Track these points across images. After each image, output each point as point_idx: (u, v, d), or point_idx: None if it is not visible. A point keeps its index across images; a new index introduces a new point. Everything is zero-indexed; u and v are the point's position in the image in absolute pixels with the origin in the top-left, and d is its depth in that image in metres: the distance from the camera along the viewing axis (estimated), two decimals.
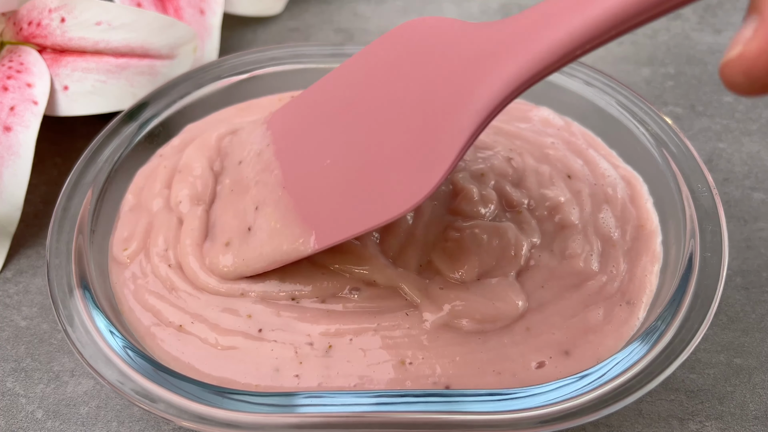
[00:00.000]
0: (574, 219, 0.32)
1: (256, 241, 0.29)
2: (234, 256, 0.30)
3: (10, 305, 0.35)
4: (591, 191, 0.33)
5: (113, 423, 0.31)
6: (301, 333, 0.29)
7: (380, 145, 0.26)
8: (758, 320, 0.33)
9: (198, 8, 0.43)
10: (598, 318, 0.29)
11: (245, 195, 0.31)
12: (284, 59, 0.38)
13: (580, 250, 0.31)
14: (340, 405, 0.25)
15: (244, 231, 0.30)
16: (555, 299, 0.30)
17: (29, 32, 0.37)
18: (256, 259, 0.29)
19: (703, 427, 0.30)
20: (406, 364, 0.28)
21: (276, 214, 0.29)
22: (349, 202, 0.26)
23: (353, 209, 0.26)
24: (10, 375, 0.32)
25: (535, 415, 0.25)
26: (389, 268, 0.30)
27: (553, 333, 0.29)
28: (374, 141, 0.26)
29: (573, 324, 0.29)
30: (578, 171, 0.34)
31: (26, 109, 0.35)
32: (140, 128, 0.35)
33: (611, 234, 0.32)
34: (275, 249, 0.28)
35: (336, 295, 0.30)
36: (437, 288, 0.29)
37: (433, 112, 0.25)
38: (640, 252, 0.31)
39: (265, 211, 0.29)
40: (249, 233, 0.30)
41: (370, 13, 0.50)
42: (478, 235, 0.31)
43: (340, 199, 0.27)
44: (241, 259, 0.30)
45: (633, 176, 0.34)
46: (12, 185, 0.35)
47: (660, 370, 0.26)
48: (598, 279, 0.30)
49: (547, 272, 0.30)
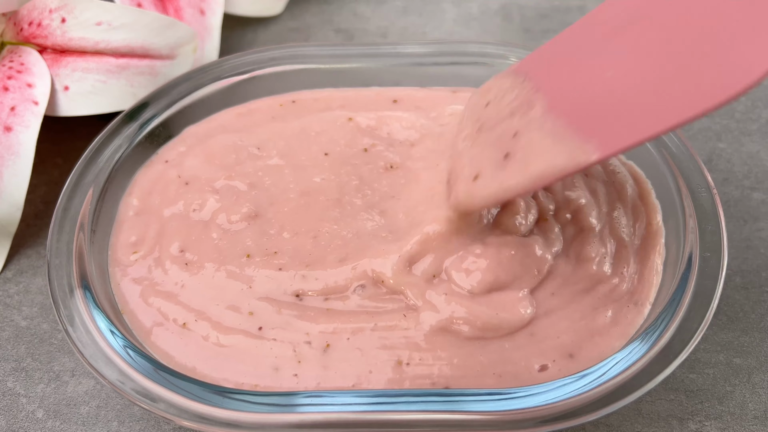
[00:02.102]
0: (593, 221, 0.32)
1: (517, 164, 0.28)
2: (486, 184, 0.29)
3: (11, 305, 0.35)
4: (606, 189, 0.33)
5: (113, 423, 0.31)
6: (300, 331, 0.29)
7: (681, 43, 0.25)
8: (758, 320, 0.33)
9: (198, 8, 0.43)
10: (606, 320, 0.29)
11: (496, 129, 0.30)
12: (284, 59, 0.38)
13: (594, 254, 0.31)
14: (340, 404, 0.25)
15: (498, 159, 0.28)
16: (564, 305, 0.29)
17: (30, 32, 0.37)
18: (519, 179, 0.27)
19: (702, 426, 0.30)
20: (403, 364, 0.28)
21: (543, 133, 0.27)
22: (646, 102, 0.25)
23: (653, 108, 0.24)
24: (11, 375, 0.32)
25: (535, 414, 0.25)
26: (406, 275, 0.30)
27: (558, 337, 0.28)
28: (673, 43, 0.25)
29: (580, 327, 0.29)
30: (592, 168, 0.34)
31: (27, 109, 0.35)
32: (140, 128, 0.35)
33: (623, 234, 0.32)
34: (547, 164, 0.27)
35: (342, 293, 0.30)
36: (441, 294, 0.29)
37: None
38: (648, 250, 0.31)
39: (529, 135, 0.28)
40: (506, 159, 0.28)
41: (370, 13, 0.50)
42: (504, 251, 0.30)
43: (633, 102, 0.25)
44: (497, 183, 0.28)
45: (637, 172, 0.34)
46: (12, 185, 0.35)
47: (659, 370, 0.26)
48: (610, 282, 0.30)
49: (561, 280, 0.30)
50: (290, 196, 0.33)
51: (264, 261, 0.31)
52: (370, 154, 0.35)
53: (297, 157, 0.35)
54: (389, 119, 0.36)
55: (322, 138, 0.36)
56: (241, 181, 0.34)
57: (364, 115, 0.37)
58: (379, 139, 0.36)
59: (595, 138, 0.26)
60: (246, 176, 0.34)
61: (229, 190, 0.33)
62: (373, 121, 0.36)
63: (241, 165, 0.34)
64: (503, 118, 0.30)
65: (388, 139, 0.36)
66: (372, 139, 0.35)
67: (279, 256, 0.31)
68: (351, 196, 0.33)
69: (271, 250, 0.31)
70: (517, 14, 0.49)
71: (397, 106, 0.37)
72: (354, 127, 0.36)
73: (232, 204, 0.33)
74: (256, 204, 0.33)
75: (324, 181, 0.33)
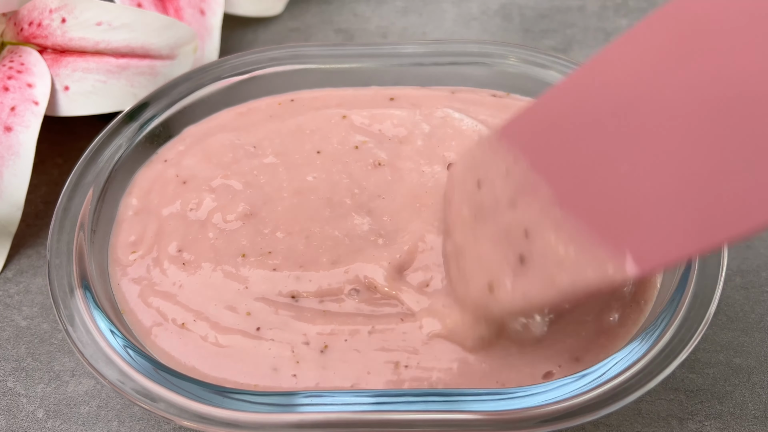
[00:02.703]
0: None
1: (539, 273, 0.25)
2: (507, 297, 0.26)
3: (11, 305, 0.35)
4: None
5: (114, 422, 0.31)
6: (298, 332, 0.29)
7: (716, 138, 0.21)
8: (757, 320, 0.33)
9: (198, 8, 0.43)
10: (612, 321, 0.29)
11: (498, 221, 0.27)
12: (284, 59, 0.38)
13: None
14: (340, 404, 0.25)
15: (514, 264, 0.26)
16: (572, 307, 0.29)
17: (30, 32, 0.37)
18: (545, 293, 0.25)
19: (702, 426, 0.30)
20: (401, 367, 0.28)
21: (562, 237, 0.24)
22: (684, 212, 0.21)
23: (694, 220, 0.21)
24: (11, 375, 0.32)
25: (535, 414, 0.25)
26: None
27: (564, 341, 0.28)
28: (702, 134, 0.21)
29: (586, 329, 0.29)
30: None
31: (27, 109, 0.35)
32: (141, 128, 0.35)
33: None
34: (575, 278, 0.24)
35: (336, 296, 0.30)
36: (440, 305, 0.29)
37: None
38: None
39: (544, 237, 0.25)
40: (523, 265, 0.25)
41: (370, 13, 0.50)
42: None
43: (664, 209, 0.21)
44: (520, 294, 0.25)
45: None
46: (13, 185, 0.35)
47: (659, 370, 0.26)
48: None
49: None
50: (283, 195, 0.33)
51: (259, 261, 0.31)
52: (360, 151, 0.35)
53: (291, 156, 0.35)
54: (382, 116, 0.36)
55: (316, 136, 0.36)
56: (237, 180, 0.34)
57: (359, 112, 0.36)
58: (371, 135, 0.35)
59: (629, 251, 0.22)
60: (242, 175, 0.34)
61: (225, 189, 0.33)
62: (367, 119, 0.36)
63: (237, 164, 0.34)
64: (503, 207, 0.27)
65: (379, 136, 0.35)
66: (364, 136, 0.35)
67: (273, 256, 0.31)
68: (341, 196, 0.33)
69: (266, 250, 0.31)
70: (517, 14, 0.49)
71: (393, 103, 0.37)
72: (348, 124, 0.36)
73: (228, 203, 0.33)
74: (250, 203, 0.33)
75: (316, 179, 0.33)
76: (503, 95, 0.37)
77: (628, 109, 0.23)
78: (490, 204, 0.27)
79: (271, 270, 0.30)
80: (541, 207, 0.25)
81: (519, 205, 0.26)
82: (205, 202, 0.33)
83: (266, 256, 0.31)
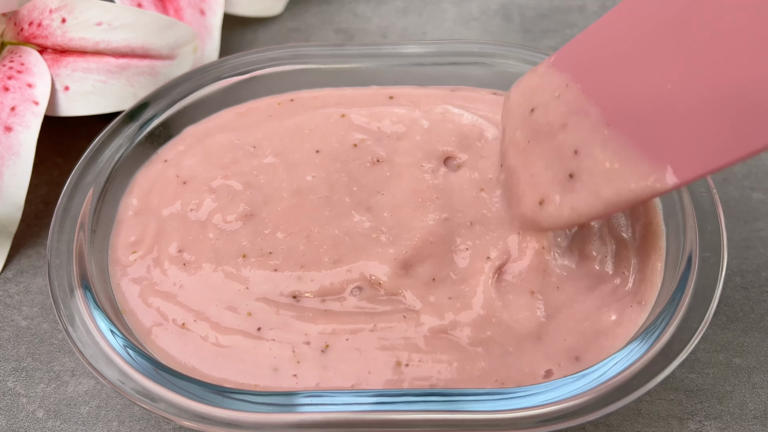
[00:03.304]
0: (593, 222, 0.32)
1: (585, 187, 0.27)
2: (557, 211, 0.28)
3: (11, 305, 0.35)
4: None
5: (114, 422, 0.31)
6: (299, 332, 0.29)
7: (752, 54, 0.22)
8: (757, 320, 0.33)
9: (198, 9, 0.43)
10: (611, 321, 0.29)
11: (550, 142, 0.29)
12: (284, 59, 0.38)
13: (596, 252, 0.31)
14: (340, 404, 0.25)
15: (563, 181, 0.28)
16: (570, 303, 0.29)
17: (30, 32, 0.37)
18: (590, 205, 0.27)
19: (702, 426, 0.30)
20: (402, 365, 0.28)
21: (608, 153, 0.26)
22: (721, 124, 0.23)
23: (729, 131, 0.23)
24: (11, 375, 0.32)
25: (535, 414, 0.25)
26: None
27: (564, 339, 0.28)
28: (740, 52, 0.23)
29: (585, 328, 0.29)
30: None
31: (27, 109, 0.35)
32: (141, 128, 0.35)
33: (623, 234, 0.32)
34: (618, 190, 0.26)
35: (338, 294, 0.30)
36: (445, 298, 0.29)
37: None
38: (648, 250, 0.31)
39: (592, 154, 0.27)
40: (572, 180, 0.27)
41: (370, 13, 0.50)
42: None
43: (703, 123, 0.23)
44: (568, 208, 0.28)
45: None
46: (13, 185, 0.35)
47: (659, 370, 0.26)
48: (612, 282, 0.30)
49: (566, 274, 0.30)
50: (283, 195, 0.33)
51: (259, 261, 0.31)
52: (358, 149, 0.35)
53: (290, 155, 0.35)
54: (381, 114, 0.36)
55: (315, 135, 0.35)
56: (237, 180, 0.34)
57: (357, 111, 0.36)
58: (369, 133, 0.35)
59: (670, 162, 0.24)
60: (242, 175, 0.34)
61: (225, 189, 0.33)
62: (366, 117, 0.36)
63: (237, 164, 0.34)
64: (556, 129, 0.29)
65: (377, 133, 0.35)
66: (362, 134, 0.35)
67: (274, 256, 0.31)
68: (341, 194, 0.33)
69: (266, 251, 0.31)
70: (517, 14, 0.49)
71: (393, 102, 0.37)
72: (347, 123, 0.36)
73: (228, 203, 0.33)
74: (250, 203, 0.33)
75: (315, 179, 0.33)
76: (503, 94, 0.37)
77: (676, 27, 0.25)
78: (542, 127, 0.29)
79: (272, 270, 0.30)
80: (590, 127, 0.27)
81: (569, 127, 0.28)
82: (205, 203, 0.33)
83: (267, 256, 0.31)
